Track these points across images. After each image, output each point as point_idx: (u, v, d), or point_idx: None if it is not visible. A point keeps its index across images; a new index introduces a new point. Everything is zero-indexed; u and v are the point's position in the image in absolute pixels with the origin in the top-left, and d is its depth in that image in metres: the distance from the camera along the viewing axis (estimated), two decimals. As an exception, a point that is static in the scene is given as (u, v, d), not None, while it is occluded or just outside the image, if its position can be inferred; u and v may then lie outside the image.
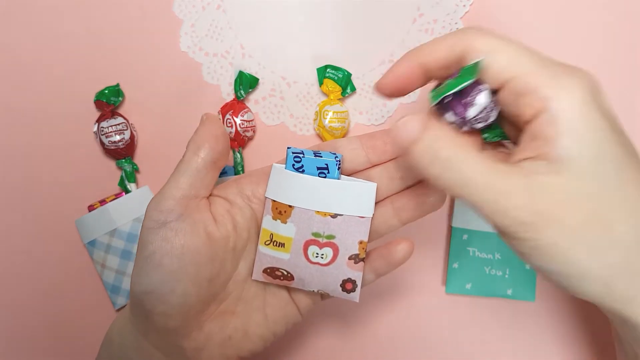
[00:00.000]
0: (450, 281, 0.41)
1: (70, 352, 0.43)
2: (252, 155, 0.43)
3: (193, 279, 0.29)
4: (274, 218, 0.31)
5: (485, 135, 0.28)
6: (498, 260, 0.41)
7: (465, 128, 0.26)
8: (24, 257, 0.43)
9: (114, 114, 0.42)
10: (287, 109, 0.43)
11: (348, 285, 0.31)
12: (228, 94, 0.43)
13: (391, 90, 0.29)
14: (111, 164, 0.43)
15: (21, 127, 0.43)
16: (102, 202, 0.42)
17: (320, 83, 0.42)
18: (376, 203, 0.32)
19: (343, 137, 0.42)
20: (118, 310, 0.43)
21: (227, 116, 0.41)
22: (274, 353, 0.43)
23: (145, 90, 0.43)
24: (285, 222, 0.31)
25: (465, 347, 0.42)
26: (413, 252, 0.32)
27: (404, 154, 0.25)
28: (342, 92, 0.42)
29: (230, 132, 0.41)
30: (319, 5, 0.43)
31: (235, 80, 0.42)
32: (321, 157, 0.30)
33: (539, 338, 0.42)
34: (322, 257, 0.31)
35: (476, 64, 0.25)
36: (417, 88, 0.28)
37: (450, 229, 0.42)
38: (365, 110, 0.43)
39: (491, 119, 0.26)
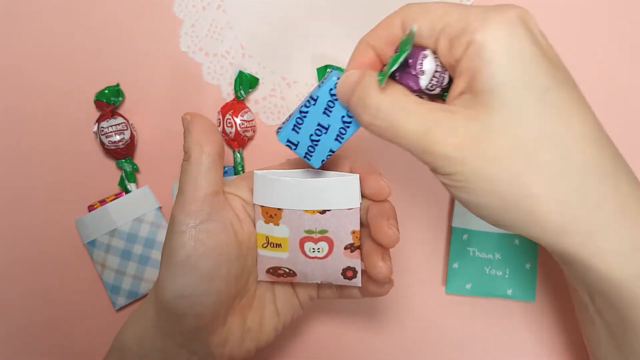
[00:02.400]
0: (450, 281, 0.41)
1: (70, 351, 0.43)
2: (252, 155, 0.43)
3: (225, 277, 0.30)
4: (266, 222, 0.32)
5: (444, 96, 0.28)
6: (498, 260, 0.41)
7: (425, 98, 0.27)
8: (24, 257, 0.43)
9: (114, 114, 0.42)
10: (287, 109, 0.43)
11: (349, 272, 0.32)
12: (228, 94, 0.43)
13: None
14: (111, 164, 0.43)
15: (21, 127, 0.43)
16: (102, 202, 0.42)
17: None
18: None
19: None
20: (118, 310, 0.43)
21: (227, 116, 0.41)
22: (275, 353, 0.43)
23: (145, 90, 0.43)
24: (278, 224, 0.32)
25: (465, 347, 0.42)
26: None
27: (347, 107, 0.27)
28: None
29: (230, 132, 0.41)
30: (319, 5, 0.43)
31: (235, 80, 0.42)
32: (329, 116, 0.29)
33: (539, 338, 0.42)
34: (319, 251, 0.32)
35: (410, 32, 0.25)
36: None
37: (450, 229, 0.42)
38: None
39: (445, 82, 0.26)
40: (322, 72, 0.42)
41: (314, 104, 0.29)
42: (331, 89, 0.28)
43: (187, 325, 0.30)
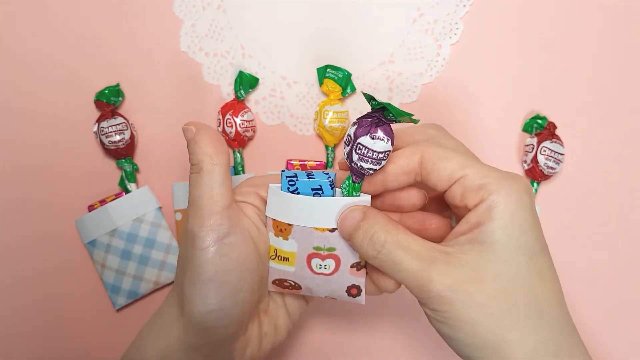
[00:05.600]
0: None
1: (70, 351, 0.43)
2: (252, 155, 0.43)
3: (249, 287, 0.30)
4: (276, 235, 0.32)
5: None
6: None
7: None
8: (24, 257, 0.43)
9: (114, 114, 0.42)
10: (287, 109, 0.43)
11: (353, 290, 0.32)
12: (228, 94, 0.43)
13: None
14: (111, 163, 0.43)
15: (22, 127, 0.43)
16: (102, 202, 0.42)
17: (321, 83, 0.42)
18: None
19: (343, 137, 0.42)
20: (118, 310, 0.43)
21: (227, 116, 0.41)
22: (274, 354, 0.43)
23: (145, 90, 0.43)
24: (287, 239, 0.32)
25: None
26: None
27: (348, 239, 0.30)
28: (342, 92, 0.42)
29: (230, 132, 0.41)
30: (319, 5, 0.43)
31: (236, 80, 0.42)
32: (314, 178, 0.31)
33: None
34: (325, 268, 0.32)
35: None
36: None
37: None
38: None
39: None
40: (322, 72, 0.42)
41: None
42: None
43: (216, 337, 0.30)
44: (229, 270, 0.29)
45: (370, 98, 0.29)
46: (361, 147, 0.29)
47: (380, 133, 0.28)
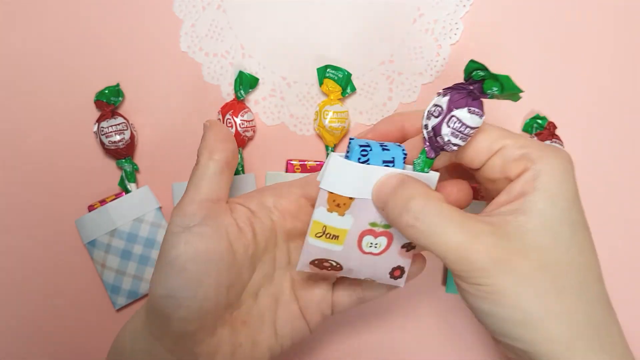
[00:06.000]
0: (450, 281, 0.41)
1: (70, 351, 0.43)
2: (252, 156, 0.43)
3: (214, 284, 0.30)
4: (330, 210, 0.29)
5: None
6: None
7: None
8: (24, 257, 0.43)
9: (114, 114, 0.42)
10: (287, 109, 0.43)
11: (396, 272, 0.31)
12: (228, 94, 0.43)
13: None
14: (111, 163, 0.43)
15: (22, 127, 0.43)
16: (102, 202, 0.42)
17: (320, 83, 0.42)
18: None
19: (343, 137, 0.42)
20: (118, 310, 0.43)
21: (227, 116, 0.41)
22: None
23: (145, 90, 0.43)
24: (343, 215, 0.29)
25: (465, 347, 0.42)
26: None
27: (383, 208, 0.28)
28: (342, 92, 0.42)
29: (230, 132, 0.41)
30: (319, 5, 0.43)
31: (235, 80, 0.42)
32: (388, 150, 0.29)
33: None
34: (375, 247, 0.31)
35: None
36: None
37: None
38: (366, 110, 0.43)
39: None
40: (322, 72, 0.42)
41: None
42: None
43: (173, 327, 0.30)
44: (190, 259, 0.29)
45: (478, 67, 0.27)
46: (455, 120, 0.27)
47: (477, 107, 0.27)
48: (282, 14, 0.43)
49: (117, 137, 0.41)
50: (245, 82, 0.41)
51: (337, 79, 0.41)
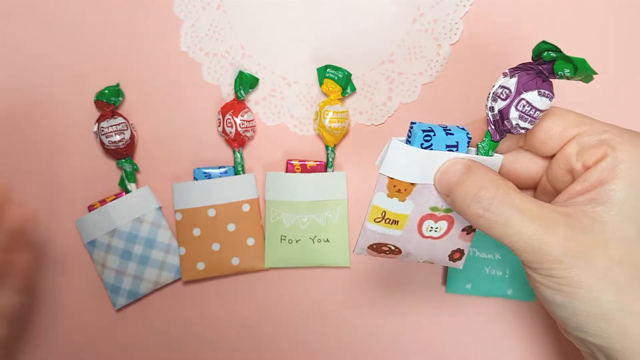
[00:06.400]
0: (450, 281, 0.41)
1: (69, 351, 0.43)
2: (252, 156, 0.43)
3: None
4: (390, 196, 0.29)
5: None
6: (498, 260, 0.41)
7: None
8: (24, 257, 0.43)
9: (114, 114, 0.42)
10: (287, 109, 0.43)
11: (456, 254, 0.31)
12: (228, 94, 0.43)
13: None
14: (111, 164, 0.43)
15: (22, 127, 0.43)
16: (102, 202, 0.42)
17: (321, 83, 0.42)
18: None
19: (342, 137, 0.42)
20: (118, 310, 0.43)
21: (227, 116, 0.41)
22: (275, 354, 0.43)
23: (145, 90, 0.43)
24: (404, 200, 0.29)
25: (465, 347, 0.42)
26: None
27: (447, 195, 0.27)
28: (342, 92, 0.42)
29: (231, 132, 0.41)
30: (319, 5, 0.43)
31: (236, 80, 0.42)
32: (452, 134, 0.28)
33: (539, 338, 0.42)
34: (435, 231, 0.30)
35: None
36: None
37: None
38: (365, 110, 0.43)
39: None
40: (322, 72, 0.42)
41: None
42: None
43: None
44: None
45: (550, 48, 0.26)
46: (525, 103, 0.26)
47: (548, 89, 0.26)
48: (282, 14, 0.43)
49: (117, 137, 0.41)
50: (245, 82, 0.41)
51: (337, 79, 0.41)
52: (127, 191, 0.42)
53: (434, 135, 0.27)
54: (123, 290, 0.42)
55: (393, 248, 0.31)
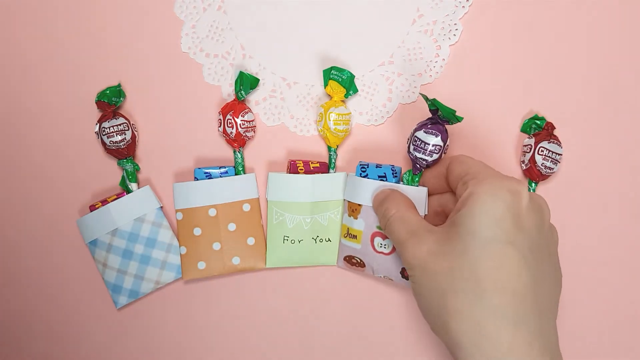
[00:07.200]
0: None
1: (71, 350, 0.43)
2: (252, 156, 0.43)
3: None
4: (349, 215, 0.40)
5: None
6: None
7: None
8: (26, 257, 0.43)
9: (115, 114, 0.42)
10: (287, 110, 0.43)
11: (405, 272, 0.38)
12: (229, 95, 0.43)
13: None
14: (113, 164, 0.43)
15: (23, 128, 0.43)
16: (104, 202, 0.42)
17: (325, 84, 0.42)
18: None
19: (345, 138, 0.42)
20: (120, 309, 0.43)
21: (228, 116, 0.41)
22: (270, 346, 0.43)
23: (146, 90, 0.43)
24: (357, 218, 0.39)
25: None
26: None
27: (375, 212, 0.38)
28: (345, 94, 0.42)
29: (231, 133, 0.41)
30: (319, 6, 0.43)
31: (236, 81, 0.42)
32: (381, 167, 0.39)
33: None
34: (385, 247, 0.38)
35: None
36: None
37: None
38: (365, 111, 0.43)
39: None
40: (327, 73, 0.42)
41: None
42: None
43: None
44: None
45: (426, 99, 0.37)
46: (416, 139, 0.38)
47: (432, 129, 0.37)
48: (282, 15, 0.43)
49: (119, 137, 0.41)
50: (246, 83, 0.42)
51: (341, 81, 0.41)
52: (129, 191, 0.42)
53: (367, 167, 0.39)
54: (124, 290, 0.42)
55: (359, 261, 0.40)
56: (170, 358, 0.43)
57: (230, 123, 0.41)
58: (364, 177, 0.39)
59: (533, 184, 0.41)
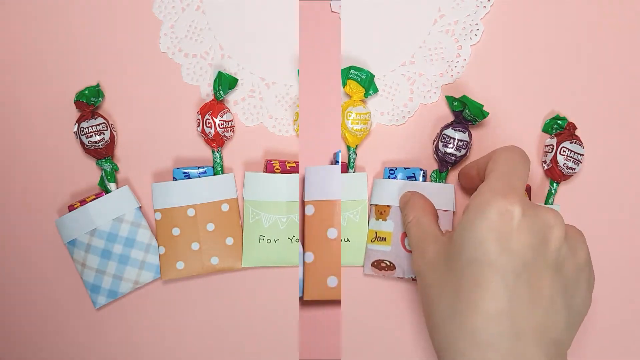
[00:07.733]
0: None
1: (50, 349, 0.43)
2: (231, 156, 0.43)
3: None
4: (377, 218, 0.41)
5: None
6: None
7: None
8: (4, 257, 0.43)
9: (94, 114, 0.42)
10: (266, 110, 0.43)
11: None
12: (207, 95, 0.43)
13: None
14: (91, 164, 0.43)
15: (1, 128, 0.43)
16: (82, 202, 0.42)
17: (344, 84, 0.42)
18: None
19: (364, 138, 0.42)
20: (98, 309, 0.43)
21: (207, 116, 0.41)
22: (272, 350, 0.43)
23: (125, 90, 0.43)
24: (386, 220, 0.40)
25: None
26: None
27: (400, 208, 0.40)
28: (365, 94, 0.42)
29: (210, 133, 0.41)
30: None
31: (215, 81, 0.42)
32: (409, 168, 0.41)
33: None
34: None
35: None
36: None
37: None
38: (387, 111, 0.43)
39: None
40: (346, 73, 0.41)
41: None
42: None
43: None
44: None
45: (451, 100, 0.40)
46: (445, 136, 0.40)
47: (458, 126, 0.40)
48: (261, 15, 0.43)
49: (97, 137, 0.41)
50: (225, 83, 0.42)
51: (360, 80, 0.41)
52: (107, 191, 0.42)
53: (396, 169, 0.41)
54: (103, 290, 0.42)
55: (389, 264, 0.40)
56: (149, 358, 0.43)
57: (208, 123, 0.41)
58: (392, 179, 0.40)
59: (554, 184, 0.41)
